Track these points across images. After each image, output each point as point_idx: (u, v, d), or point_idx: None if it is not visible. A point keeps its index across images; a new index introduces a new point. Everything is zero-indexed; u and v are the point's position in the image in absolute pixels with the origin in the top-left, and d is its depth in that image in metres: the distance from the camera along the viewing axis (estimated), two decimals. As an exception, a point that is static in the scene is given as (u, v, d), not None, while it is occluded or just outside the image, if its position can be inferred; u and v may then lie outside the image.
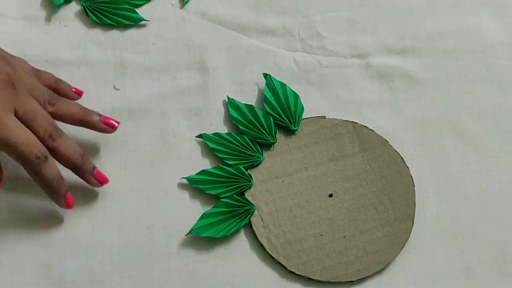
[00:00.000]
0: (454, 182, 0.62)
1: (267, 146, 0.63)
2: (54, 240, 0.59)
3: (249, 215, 0.60)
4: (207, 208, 0.60)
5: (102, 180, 0.59)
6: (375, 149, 0.63)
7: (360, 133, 0.63)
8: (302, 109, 0.64)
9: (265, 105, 0.63)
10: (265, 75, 0.65)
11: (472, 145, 0.64)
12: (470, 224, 0.61)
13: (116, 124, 0.60)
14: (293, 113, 0.63)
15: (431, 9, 0.69)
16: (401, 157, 0.62)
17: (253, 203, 0.60)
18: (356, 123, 0.64)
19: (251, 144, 0.62)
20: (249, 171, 0.62)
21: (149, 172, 0.61)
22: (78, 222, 0.59)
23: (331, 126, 0.63)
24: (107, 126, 0.60)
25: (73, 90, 0.62)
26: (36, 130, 0.55)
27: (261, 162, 0.62)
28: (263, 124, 0.62)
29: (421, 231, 0.60)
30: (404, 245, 0.59)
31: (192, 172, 0.61)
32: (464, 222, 0.61)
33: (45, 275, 0.58)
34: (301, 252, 0.59)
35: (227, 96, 0.64)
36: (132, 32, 0.67)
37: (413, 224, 0.60)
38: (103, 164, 0.61)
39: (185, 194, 0.61)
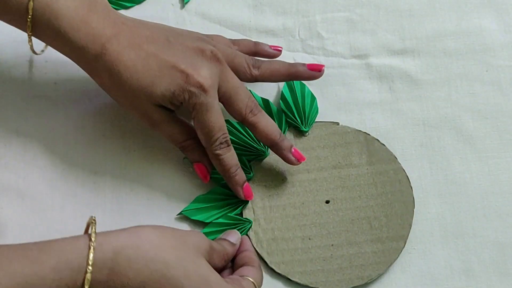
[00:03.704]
0: (454, 182, 0.62)
1: None
2: (54, 240, 0.59)
3: (241, 206, 0.60)
4: (207, 208, 0.61)
5: (299, 158, 0.60)
6: (382, 164, 0.62)
7: (370, 145, 0.63)
8: (317, 112, 0.64)
9: (280, 101, 0.63)
10: None
11: (472, 145, 0.64)
12: (470, 224, 0.61)
13: (322, 67, 0.62)
14: (306, 114, 0.63)
15: (431, 9, 0.69)
16: (407, 176, 0.62)
17: None
18: (369, 134, 0.63)
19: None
20: (251, 163, 0.62)
21: (149, 172, 0.61)
22: (79, 223, 0.59)
23: (342, 133, 0.63)
24: (314, 71, 0.62)
25: (272, 48, 0.64)
26: (238, 105, 0.57)
27: (265, 156, 0.62)
28: (275, 120, 0.62)
29: (421, 231, 0.60)
30: (390, 265, 0.58)
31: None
32: (464, 222, 0.61)
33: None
34: (285, 251, 0.59)
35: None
36: (132, 32, 0.67)
37: (404, 246, 0.59)
38: (103, 165, 0.61)
39: (185, 195, 0.61)
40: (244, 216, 0.60)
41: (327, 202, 0.61)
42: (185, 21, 0.68)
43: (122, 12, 0.67)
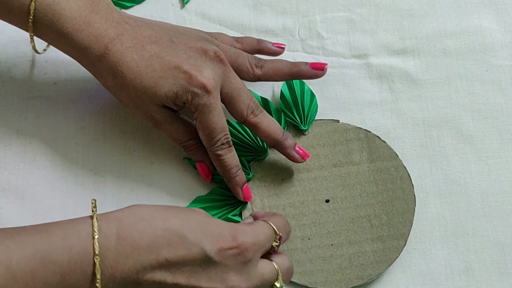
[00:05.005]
0: (454, 182, 0.62)
1: None
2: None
3: (240, 206, 0.60)
4: (207, 209, 0.61)
5: (303, 155, 0.60)
6: (383, 161, 0.62)
7: (371, 142, 0.63)
8: (317, 109, 0.64)
9: (280, 101, 0.63)
10: None
11: (472, 145, 0.64)
12: (470, 224, 0.61)
13: (325, 65, 0.62)
14: (305, 113, 0.63)
15: (431, 9, 0.69)
16: (408, 173, 0.62)
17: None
18: (369, 131, 0.63)
19: (258, 138, 0.62)
20: (251, 164, 0.62)
21: (149, 172, 0.61)
22: (78, 223, 0.59)
23: (343, 131, 0.63)
24: (317, 70, 0.62)
25: (275, 45, 0.64)
26: (240, 106, 0.58)
27: (265, 157, 0.62)
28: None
29: (421, 231, 0.60)
30: (391, 264, 0.59)
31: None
32: (464, 222, 0.61)
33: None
34: (285, 252, 0.58)
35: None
36: (132, 32, 0.67)
37: (405, 244, 0.59)
38: (103, 165, 0.61)
39: (186, 195, 0.61)
40: (243, 217, 0.60)
41: (327, 201, 0.61)
42: (185, 21, 0.68)
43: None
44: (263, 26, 0.68)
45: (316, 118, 0.64)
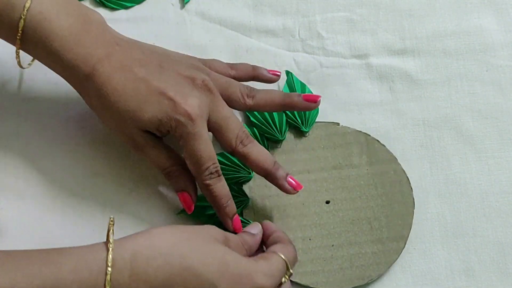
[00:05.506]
0: (454, 182, 0.62)
1: (275, 142, 0.63)
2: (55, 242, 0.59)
3: (241, 206, 0.60)
4: (208, 209, 0.61)
5: (296, 186, 0.58)
6: (382, 165, 0.62)
7: (371, 146, 0.63)
8: (317, 112, 0.64)
9: None
10: (288, 73, 0.65)
11: (472, 145, 0.64)
12: (470, 224, 0.61)
13: (318, 98, 0.60)
14: (307, 115, 0.63)
15: (431, 9, 0.69)
16: (407, 177, 0.62)
17: (249, 196, 0.60)
18: (369, 135, 0.63)
19: (259, 137, 0.62)
20: None
21: (150, 173, 0.61)
22: (79, 224, 0.59)
23: (343, 134, 0.63)
24: (310, 102, 0.60)
25: (270, 72, 0.63)
26: (229, 136, 0.56)
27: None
28: (275, 120, 0.62)
29: (421, 231, 0.61)
30: (391, 265, 0.59)
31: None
32: (464, 222, 0.61)
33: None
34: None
35: None
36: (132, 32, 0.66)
37: (404, 246, 0.59)
38: (103, 166, 0.61)
39: (186, 195, 0.61)
40: (244, 217, 0.60)
41: (327, 202, 0.61)
42: (185, 21, 0.68)
43: (122, 12, 0.67)
44: (263, 26, 0.68)
45: (316, 120, 0.64)
